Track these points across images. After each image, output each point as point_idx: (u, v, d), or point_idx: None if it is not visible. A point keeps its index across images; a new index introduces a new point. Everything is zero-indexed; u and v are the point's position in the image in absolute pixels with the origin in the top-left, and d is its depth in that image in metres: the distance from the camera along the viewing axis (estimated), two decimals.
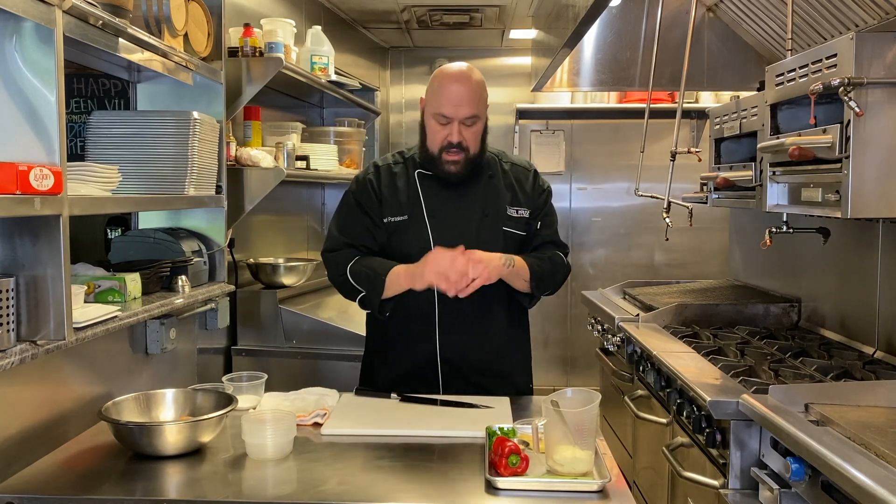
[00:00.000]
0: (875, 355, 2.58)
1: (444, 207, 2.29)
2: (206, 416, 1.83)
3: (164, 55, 2.16)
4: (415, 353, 2.31)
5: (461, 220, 2.28)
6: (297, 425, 1.89)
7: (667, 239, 3.25)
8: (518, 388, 2.35)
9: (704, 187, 3.27)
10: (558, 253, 2.38)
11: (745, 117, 2.75)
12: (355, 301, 2.30)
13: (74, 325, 1.72)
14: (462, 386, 2.28)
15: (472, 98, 2.20)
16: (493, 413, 2.07)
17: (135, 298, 2.17)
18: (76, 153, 2.37)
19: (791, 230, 2.50)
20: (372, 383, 2.38)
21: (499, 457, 1.67)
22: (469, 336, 2.29)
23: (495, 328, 2.33)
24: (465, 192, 2.30)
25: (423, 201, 2.29)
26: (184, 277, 2.37)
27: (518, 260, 2.24)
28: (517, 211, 2.33)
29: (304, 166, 3.32)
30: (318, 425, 2.00)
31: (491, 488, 1.62)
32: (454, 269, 2.09)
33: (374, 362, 2.42)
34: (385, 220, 2.29)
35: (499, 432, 1.83)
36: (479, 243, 2.22)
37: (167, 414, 1.96)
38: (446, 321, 2.28)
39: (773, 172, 2.38)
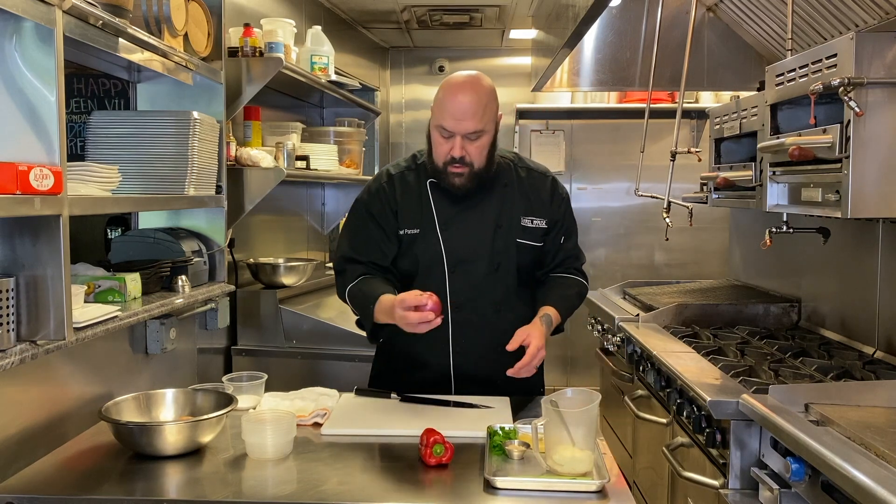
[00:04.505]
0: (875, 355, 2.58)
1: (457, 219, 2.22)
2: (206, 416, 1.83)
3: (164, 55, 2.16)
4: (427, 368, 2.26)
5: (474, 232, 2.22)
6: (297, 425, 1.89)
7: (667, 239, 3.26)
8: (531, 391, 2.29)
9: (704, 187, 3.27)
10: (581, 281, 2.36)
11: (745, 117, 2.75)
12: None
13: (74, 325, 1.72)
14: (475, 391, 2.22)
15: (475, 112, 2.08)
16: (493, 413, 2.07)
17: (135, 298, 2.17)
18: (76, 153, 2.37)
19: (791, 230, 2.50)
20: (380, 383, 2.35)
21: (424, 447, 1.73)
22: (484, 350, 2.23)
23: (507, 338, 2.22)
24: (478, 202, 2.22)
25: (436, 213, 2.22)
26: (184, 277, 2.37)
27: (553, 314, 2.21)
28: (532, 221, 2.26)
29: (304, 166, 3.32)
30: (318, 425, 2.00)
31: (490, 488, 1.62)
32: (409, 324, 2.00)
33: (384, 369, 2.37)
34: (401, 233, 2.22)
35: (500, 432, 1.84)
36: (491, 256, 2.21)
37: (167, 414, 1.96)
38: (460, 337, 2.23)
39: (773, 172, 2.38)
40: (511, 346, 2.09)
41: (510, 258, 2.24)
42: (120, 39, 1.93)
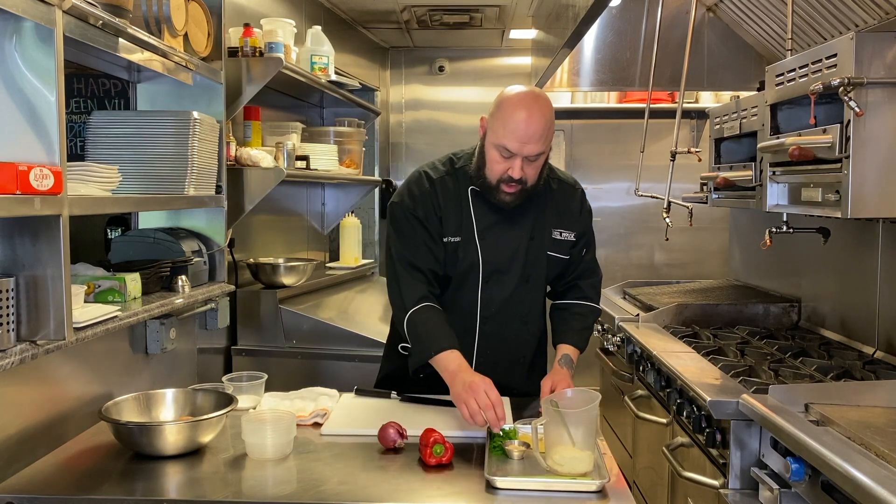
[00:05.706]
0: (875, 355, 2.58)
1: (494, 229, 2.20)
2: (206, 416, 1.83)
3: (164, 55, 2.16)
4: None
5: (509, 242, 2.21)
6: (297, 425, 1.89)
7: (667, 239, 3.26)
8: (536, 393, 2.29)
9: (704, 187, 3.27)
10: (596, 308, 2.35)
11: (745, 117, 2.75)
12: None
13: (74, 325, 1.72)
14: None
15: (542, 135, 2.03)
16: None
17: (135, 298, 2.17)
18: (76, 153, 2.37)
19: (791, 230, 2.50)
20: (389, 385, 2.32)
21: (424, 446, 1.74)
22: (505, 360, 2.26)
23: (529, 350, 2.31)
24: (515, 212, 2.19)
25: (475, 222, 2.19)
26: (184, 277, 2.37)
27: (572, 353, 2.24)
28: (561, 234, 2.25)
29: (304, 166, 3.32)
30: (318, 425, 2.00)
31: (490, 488, 1.62)
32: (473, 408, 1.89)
33: (394, 371, 2.34)
34: (444, 240, 2.18)
35: (500, 432, 1.84)
36: (524, 267, 2.21)
37: (167, 414, 1.97)
38: (485, 348, 2.23)
39: (773, 172, 2.38)
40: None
41: (540, 270, 2.24)
42: (120, 39, 1.93)
